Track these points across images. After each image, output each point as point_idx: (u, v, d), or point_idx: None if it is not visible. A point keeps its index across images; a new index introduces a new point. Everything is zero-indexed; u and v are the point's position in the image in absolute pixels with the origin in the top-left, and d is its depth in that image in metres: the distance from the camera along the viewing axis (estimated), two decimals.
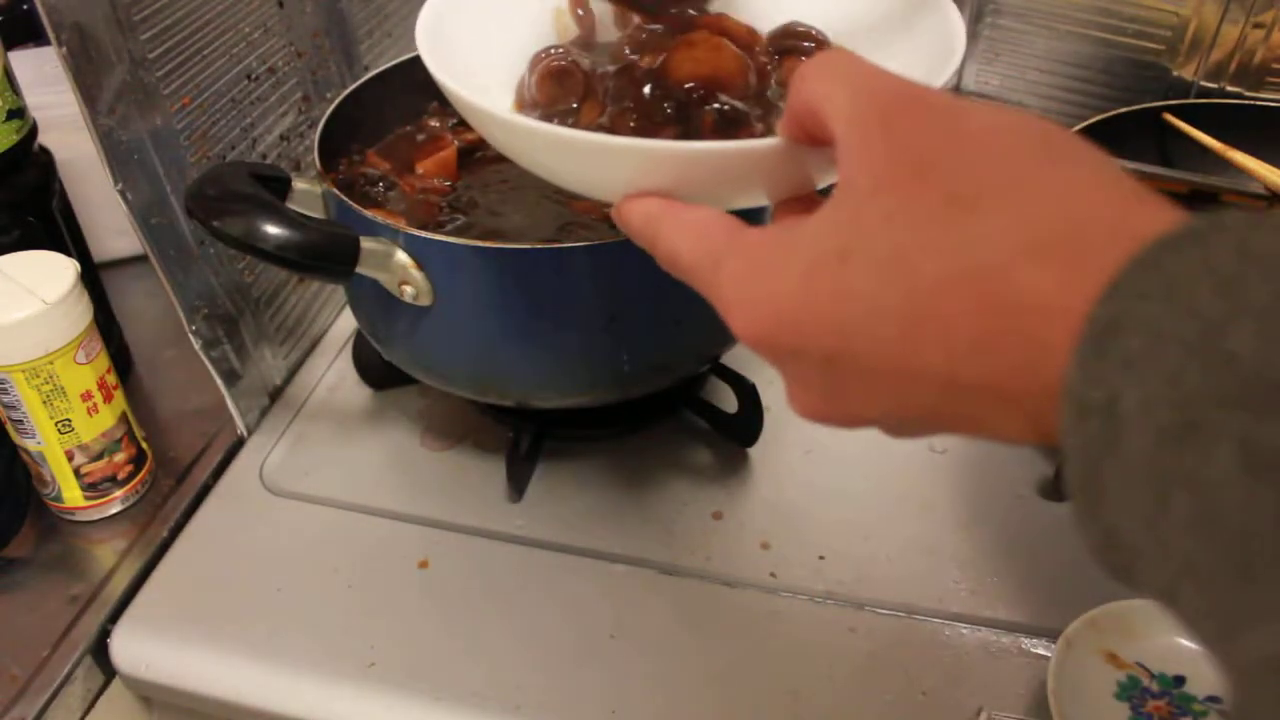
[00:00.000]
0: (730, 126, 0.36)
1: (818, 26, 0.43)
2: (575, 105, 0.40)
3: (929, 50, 0.38)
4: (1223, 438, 0.17)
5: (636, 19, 0.44)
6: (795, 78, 0.28)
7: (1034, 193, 0.23)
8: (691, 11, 0.42)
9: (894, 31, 0.41)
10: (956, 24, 0.37)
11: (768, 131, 0.37)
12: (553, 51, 0.42)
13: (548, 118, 0.40)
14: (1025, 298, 0.22)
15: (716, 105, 0.36)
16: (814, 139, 0.28)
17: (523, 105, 0.42)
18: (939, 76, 0.34)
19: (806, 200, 0.33)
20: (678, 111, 0.37)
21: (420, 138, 0.64)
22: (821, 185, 0.32)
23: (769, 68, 0.41)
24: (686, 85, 0.37)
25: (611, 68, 0.40)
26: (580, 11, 0.46)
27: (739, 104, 0.37)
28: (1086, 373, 0.20)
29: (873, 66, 0.27)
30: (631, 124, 0.36)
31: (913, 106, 0.26)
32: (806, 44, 0.42)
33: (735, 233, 0.29)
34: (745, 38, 0.41)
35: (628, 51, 0.42)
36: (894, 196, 0.24)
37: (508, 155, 0.36)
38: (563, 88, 0.40)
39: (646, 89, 0.38)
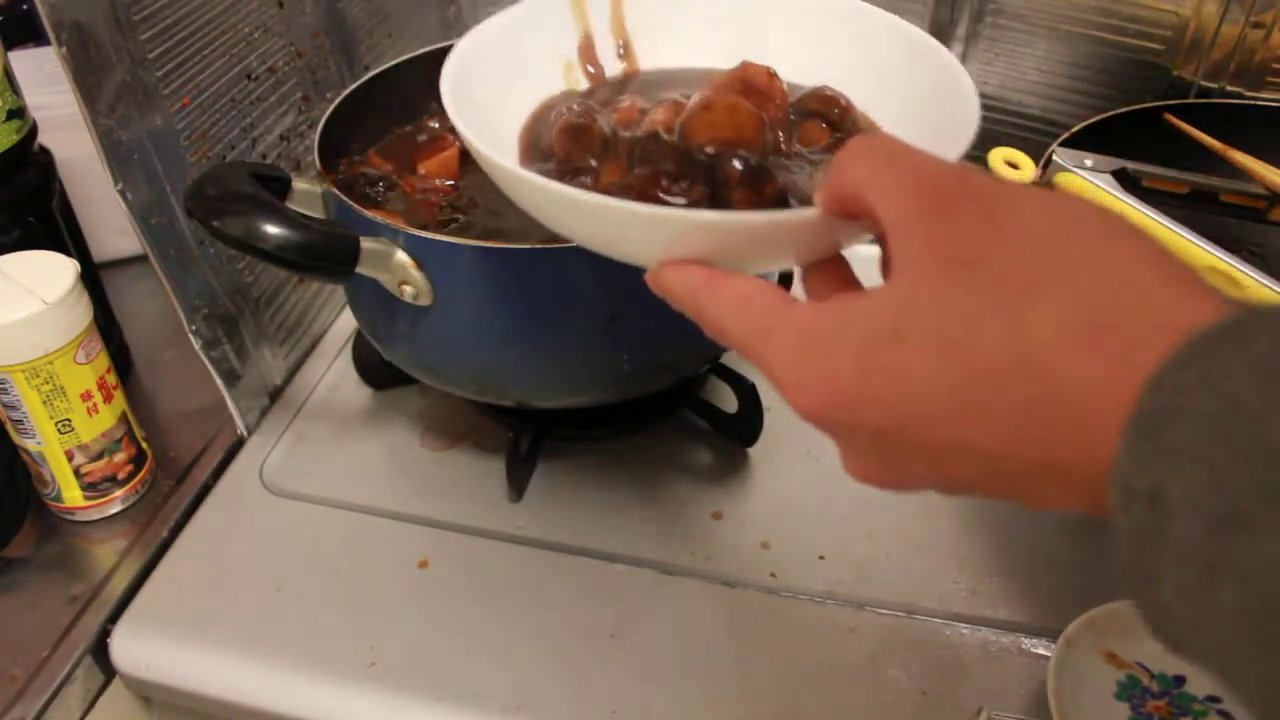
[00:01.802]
0: (756, 181, 0.36)
1: (836, 86, 0.43)
2: (594, 163, 0.40)
3: (945, 117, 0.38)
4: (1268, 528, 0.18)
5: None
6: (839, 159, 0.29)
7: (1082, 281, 0.24)
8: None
9: (907, 96, 0.42)
10: (969, 92, 0.38)
11: (789, 187, 0.38)
12: (574, 107, 0.42)
13: (563, 173, 0.40)
14: (1075, 384, 0.23)
15: (740, 160, 0.37)
16: (853, 217, 0.29)
17: (529, 154, 0.42)
18: (954, 147, 0.35)
19: (834, 263, 0.34)
20: (704, 173, 0.37)
21: (421, 138, 0.64)
22: (847, 248, 0.33)
23: (789, 124, 0.42)
24: (708, 149, 0.38)
25: (634, 131, 0.40)
26: (590, 68, 0.47)
27: (762, 160, 0.38)
28: (1134, 460, 0.21)
29: (917, 152, 0.28)
30: (660, 186, 0.37)
31: (961, 195, 0.27)
32: (832, 110, 0.42)
33: (784, 307, 0.29)
34: (765, 83, 0.41)
35: (635, 104, 0.43)
36: (947, 283, 0.25)
37: (535, 216, 0.37)
38: (581, 144, 0.40)
39: (671, 151, 0.38)
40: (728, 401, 0.61)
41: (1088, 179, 0.60)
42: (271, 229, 0.46)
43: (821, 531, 0.57)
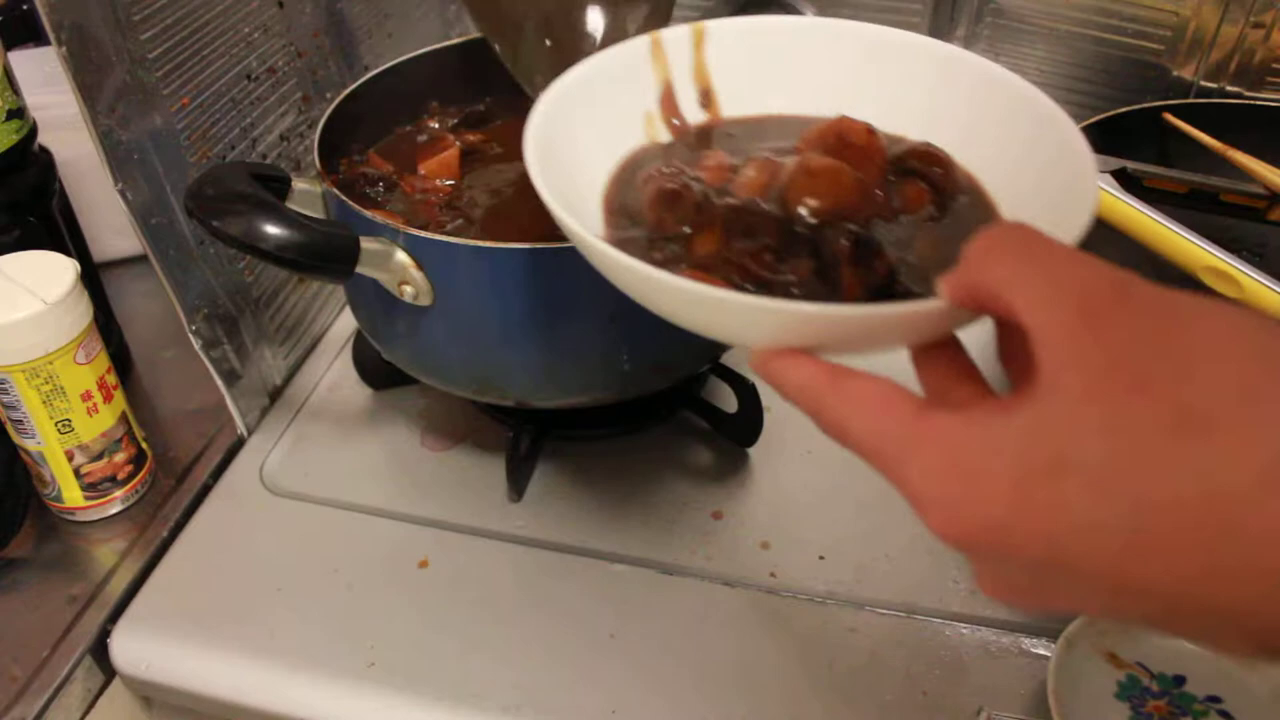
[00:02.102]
0: (867, 258, 0.34)
1: (936, 141, 0.41)
2: (687, 231, 0.37)
3: (1058, 187, 0.36)
4: None
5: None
6: (973, 251, 0.27)
7: (1270, 410, 0.22)
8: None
9: (1015, 157, 0.39)
10: (1087, 161, 0.35)
11: (899, 261, 0.36)
12: (664, 170, 0.40)
13: (653, 241, 0.38)
14: (1267, 530, 0.21)
15: (848, 235, 0.34)
16: (985, 311, 0.28)
17: (615, 218, 0.40)
18: (1071, 226, 0.32)
19: (949, 347, 0.32)
20: (808, 245, 0.35)
21: (422, 138, 0.64)
22: (960, 331, 0.32)
23: (890, 184, 0.39)
24: (813, 219, 0.36)
25: (730, 199, 0.38)
26: (675, 121, 0.45)
27: (869, 233, 0.36)
28: None
29: (1066, 249, 0.26)
30: (764, 264, 0.35)
31: (1120, 302, 0.24)
32: (933, 170, 0.39)
33: (920, 416, 0.27)
34: (863, 140, 0.39)
35: (726, 161, 0.41)
36: (1112, 407, 0.23)
37: (624, 291, 0.35)
38: (673, 212, 0.38)
39: (771, 222, 0.36)
40: (728, 401, 0.61)
41: None
42: (271, 229, 0.46)
43: (821, 531, 0.57)
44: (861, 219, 0.36)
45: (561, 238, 0.36)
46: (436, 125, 0.64)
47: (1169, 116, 0.67)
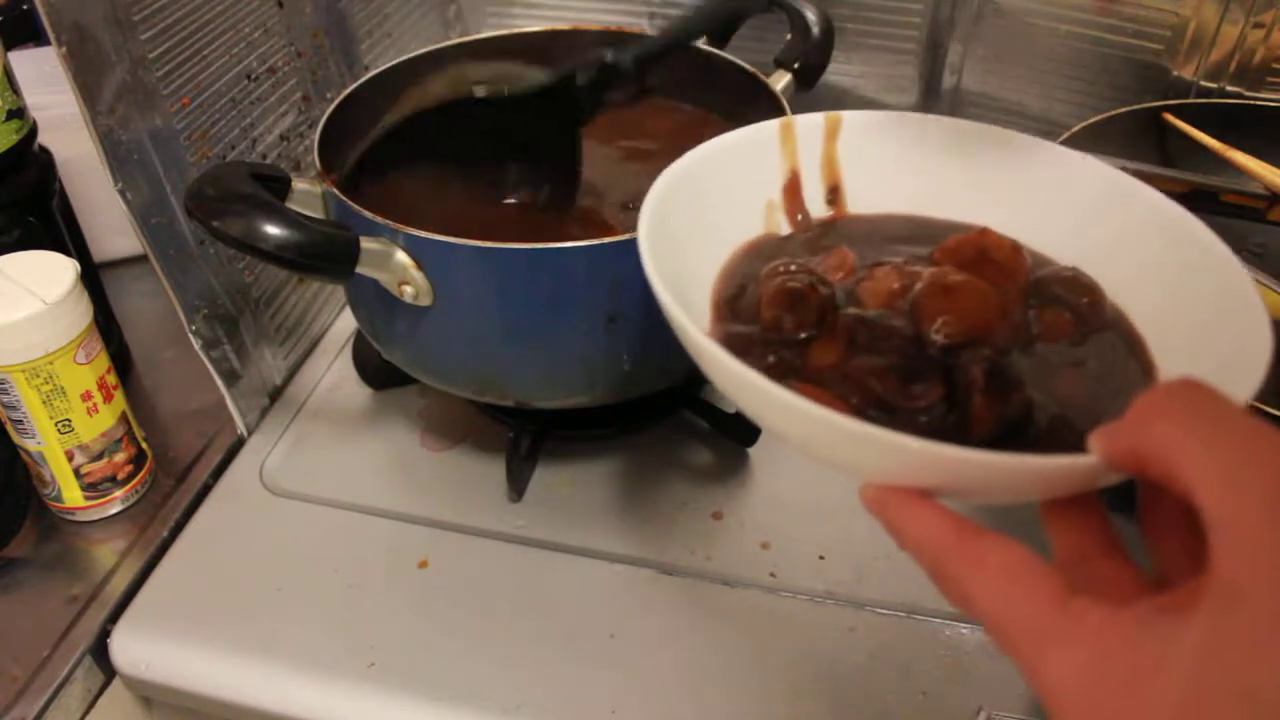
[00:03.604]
0: (1002, 389, 0.31)
1: (1085, 268, 0.38)
2: (805, 337, 0.34)
3: (1222, 342, 0.32)
4: None
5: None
6: (1141, 406, 0.24)
7: None
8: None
9: (1174, 297, 0.36)
10: (1258, 311, 0.31)
11: (1028, 384, 0.33)
12: (791, 268, 0.36)
13: (766, 344, 0.35)
14: None
15: (984, 363, 0.31)
16: (1146, 476, 0.24)
17: (724, 312, 0.37)
18: (1239, 390, 0.28)
19: (1087, 505, 0.29)
20: (940, 370, 0.32)
21: None
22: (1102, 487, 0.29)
23: (1030, 309, 0.36)
24: (946, 340, 0.33)
25: (858, 308, 0.35)
26: (799, 216, 0.42)
27: (1009, 363, 0.33)
28: None
29: (1249, 418, 0.23)
30: (890, 386, 0.32)
31: None
32: (1080, 299, 0.36)
33: (1065, 602, 0.24)
34: (1008, 258, 0.36)
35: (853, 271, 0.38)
36: None
37: (723, 392, 0.33)
38: (794, 313, 0.35)
39: (899, 339, 0.33)
40: (728, 401, 0.61)
41: None
42: (271, 229, 0.46)
43: (821, 531, 0.57)
44: (998, 345, 0.33)
45: (560, 239, 0.36)
46: None
47: (1169, 116, 0.67)
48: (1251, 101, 0.70)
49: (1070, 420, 0.33)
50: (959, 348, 0.33)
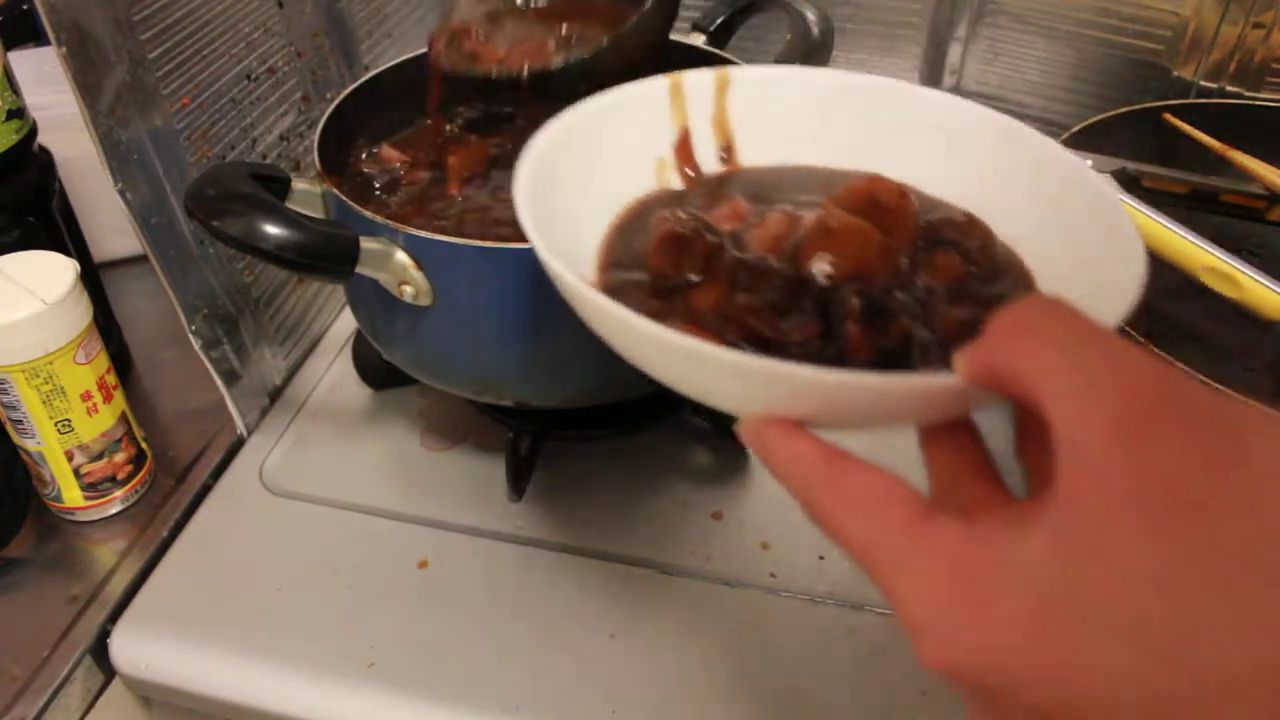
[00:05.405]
0: (879, 320, 0.31)
1: (975, 210, 0.38)
2: (694, 279, 0.35)
3: (1103, 266, 0.33)
4: None
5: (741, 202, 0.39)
6: (999, 323, 0.24)
7: None
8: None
9: (1059, 235, 0.36)
10: (1134, 242, 0.32)
11: (915, 330, 0.33)
12: (680, 214, 0.36)
13: (655, 291, 0.35)
14: None
15: (860, 295, 0.32)
16: (1005, 394, 0.24)
17: (613, 262, 0.37)
18: (1111, 313, 0.29)
19: (962, 432, 0.28)
20: (817, 305, 0.32)
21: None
22: (978, 412, 0.28)
23: (920, 253, 0.36)
24: (826, 280, 0.33)
25: (741, 252, 0.35)
26: (692, 172, 0.42)
27: (886, 295, 0.33)
28: None
29: (1104, 334, 0.22)
30: (766, 321, 0.32)
31: (1168, 408, 0.21)
32: (970, 241, 0.36)
33: (921, 523, 0.24)
34: (895, 203, 0.36)
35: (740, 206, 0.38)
36: (1156, 546, 0.19)
37: (608, 342, 0.33)
38: (680, 259, 0.35)
39: (780, 278, 0.33)
40: None
41: None
42: (271, 229, 0.46)
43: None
44: (880, 284, 0.33)
45: None
46: (449, 127, 0.64)
47: (1169, 116, 0.67)
48: (1251, 101, 0.70)
49: (951, 353, 0.33)
50: (842, 287, 0.33)
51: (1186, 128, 0.66)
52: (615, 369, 0.54)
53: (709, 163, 0.43)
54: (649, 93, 0.42)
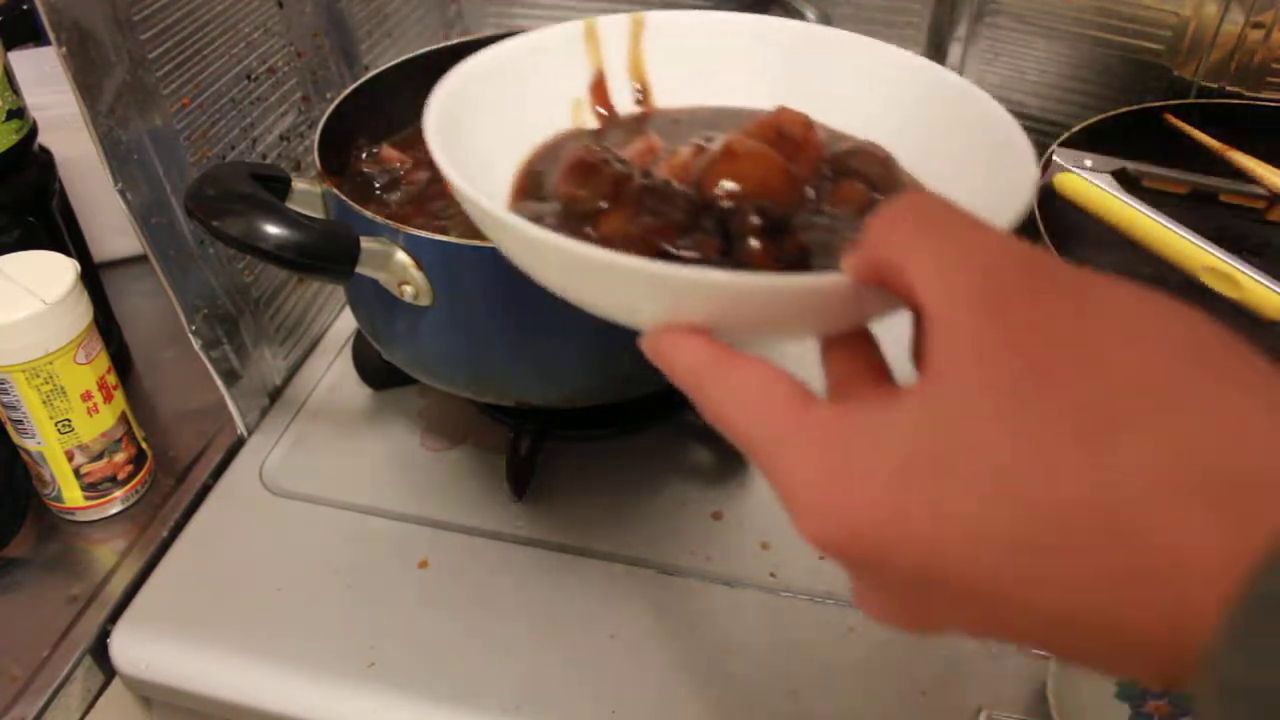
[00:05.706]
0: (775, 234, 0.32)
1: (880, 142, 0.39)
2: (603, 206, 0.35)
3: (998, 184, 0.34)
4: None
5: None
6: (875, 219, 0.25)
7: (1184, 418, 0.20)
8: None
9: (958, 160, 0.38)
10: (1026, 157, 0.33)
11: (814, 245, 0.34)
12: (588, 146, 0.37)
13: (565, 218, 0.36)
14: (1169, 547, 0.19)
15: (758, 211, 0.32)
16: (888, 288, 0.25)
17: (524, 194, 0.38)
18: (1004, 214, 0.30)
19: (859, 342, 0.29)
20: (718, 225, 0.33)
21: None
22: (876, 321, 0.29)
23: (823, 181, 0.37)
24: (728, 201, 0.33)
25: (648, 178, 0.36)
26: (603, 110, 0.43)
27: (783, 212, 0.34)
28: (1237, 651, 0.18)
29: (970, 219, 0.24)
30: (667, 238, 0.33)
31: (1027, 281, 0.22)
32: (874, 169, 0.37)
33: (800, 408, 0.25)
34: (799, 133, 0.37)
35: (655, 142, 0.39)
36: (1008, 404, 0.21)
37: (520, 266, 0.33)
38: (588, 186, 0.36)
39: (683, 200, 0.34)
40: None
41: (1087, 179, 0.60)
42: (271, 229, 0.46)
43: None
44: (783, 209, 0.35)
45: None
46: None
47: (1169, 116, 0.67)
48: (1251, 101, 0.70)
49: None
50: (742, 206, 0.34)
51: (1186, 128, 0.66)
52: (615, 369, 0.54)
53: (624, 104, 0.44)
54: (563, 34, 0.43)
